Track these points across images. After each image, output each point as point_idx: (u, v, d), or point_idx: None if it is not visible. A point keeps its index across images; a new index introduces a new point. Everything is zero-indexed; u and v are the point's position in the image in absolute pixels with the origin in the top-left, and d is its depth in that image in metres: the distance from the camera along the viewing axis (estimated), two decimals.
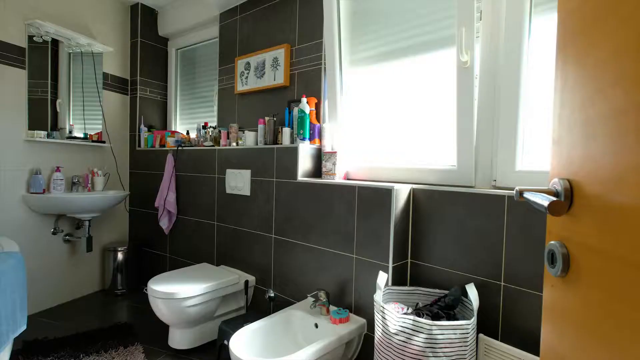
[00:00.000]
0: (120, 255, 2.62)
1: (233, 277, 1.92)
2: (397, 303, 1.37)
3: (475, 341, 1.21)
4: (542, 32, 1.29)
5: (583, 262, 0.51)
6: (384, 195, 1.47)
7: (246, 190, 2.06)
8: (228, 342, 1.60)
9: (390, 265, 1.46)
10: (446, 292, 1.39)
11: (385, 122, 1.75)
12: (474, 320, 1.16)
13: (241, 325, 1.60)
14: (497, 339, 1.30)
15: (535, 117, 1.32)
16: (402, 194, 1.49)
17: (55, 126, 2.37)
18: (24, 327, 1.49)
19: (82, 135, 2.52)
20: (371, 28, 1.76)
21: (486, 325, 1.33)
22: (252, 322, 1.59)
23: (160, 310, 1.73)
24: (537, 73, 1.30)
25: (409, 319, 1.14)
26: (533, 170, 1.30)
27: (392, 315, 1.18)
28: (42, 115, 2.30)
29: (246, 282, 1.96)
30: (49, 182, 2.31)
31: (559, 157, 0.58)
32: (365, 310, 1.56)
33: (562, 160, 0.57)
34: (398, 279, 1.51)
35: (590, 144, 0.49)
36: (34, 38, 2.22)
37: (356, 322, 1.52)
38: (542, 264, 1.20)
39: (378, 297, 1.29)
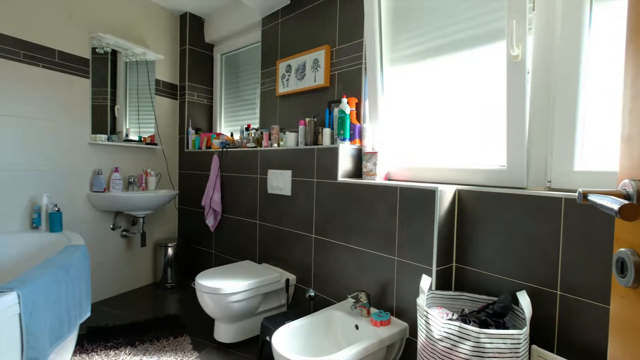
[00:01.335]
0: (170, 251, 2.78)
1: (275, 275, 1.96)
2: (441, 308, 1.33)
3: (527, 353, 1.13)
4: (606, 20, 1.18)
5: None
6: (427, 197, 1.43)
7: (287, 191, 2.10)
8: (270, 338, 1.64)
9: (434, 268, 1.42)
10: (494, 299, 1.32)
11: (428, 121, 1.70)
12: (526, 330, 1.09)
13: (282, 323, 1.63)
14: (552, 351, 1.21)
15: (596, 113, 1.21)
16: (446, 195, 1.44)
17: (113, 130, 2.56)
18: (88, 314, 1.63)
19: (137, 138, 2.71)
20: (413, 25, 1.72)
21: (539, 337, 1.24)
22: (292, 320, 1.61)
23: (207, 304, 1.81)
24: (599, 65, 1.20)
25: (454, 325, 1.09)
26: (594, 171, 1.19)
27: (437, 320, 1.14)
28: (103, 120, 2.50)
29: (287, 280, 1.99)
30: (108, 182, 2.51)
31: (630, 156, 0.53)
32: (407, 314, 1.52)
33: (634, 160, 0.52)
34: (442, 283, 1.46)
35: None
36: (97, 50, 2.43)
37: (398, 325, 1.49)
38: (605, 273, 1.10)
39: (421, 301, 1.25)
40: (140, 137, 2.73)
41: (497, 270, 1.36)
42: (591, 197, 0.54)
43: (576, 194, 0.56)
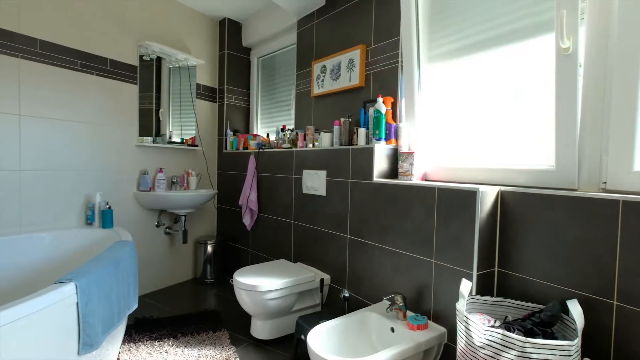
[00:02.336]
0: (209, 248, 2.89)
1: (309, 275, 1.98)
2: (482, 314, 1.27)
3: None
4: None
5: None
6: (467, 198, 1.38)
7: (322, 191, 2.11)
8: (305, 337, 1.66)
9: (475, 273, 1.36)
10: (541, 306, 1.25)
11: (467, 119, 1.64)
12: (577, 341, 1.01)
13: (317, 322, 1.64)
14: None
15: None
16: (488, 196, 1.38)
17: (158, 132, 2.71)
18: (135, 306, 1.73)
19: (179, 140, 2.84)
20: (451, 21, 1.67)
21: (592, 349, 1.16)
22: (327, 319, 1.62)
23: (244, 300, 1.87)
24: None
25: (497, 332, 1.05)
26: None
27: (478, 327, 1.09)
28: (148, 123, 2.65)
29: (321, 280, 2.00)
30: (153, 181, 2.66)
31: None
32: (446, 318, 1.47)
33: None
34: (483, 289, 1.40)
35: None
36: (144, 57, 2.58)
37: (435, 330, 1.45)
38: None
39: (461, 306, 1.21)
40: (182, 138, 2.86)
41: (543, 276, 1.28)
42: None
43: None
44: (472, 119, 1.62)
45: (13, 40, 1.95)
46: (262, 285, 1.81)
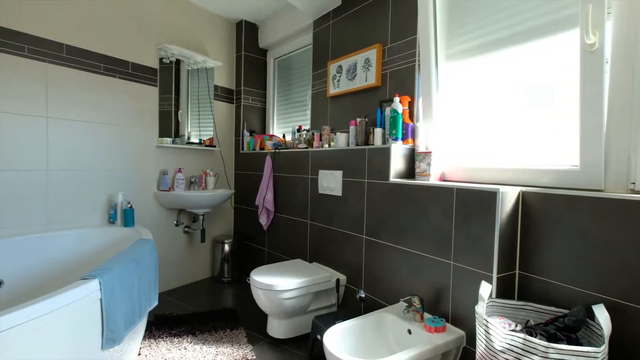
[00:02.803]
0: (226, 247, 2.93)
1: (325, 275, 1.98)
2: (502, 318, 1.24)
3: None
4: None
5: None
6: (487, 199, 1.35)
7: (338, 191, 2.11)
8: (321, 337, 1.66)
9: (495, 275, 1.33)
10: (565, 311, 1.21)
11: (487, 118, 1.60)
12: (604, 348, 0.98)
13: (333, 322, 1.64)
14: None
15: None
16: (509, 197, 1.34)
17: (177, 133, 2.77)
18: (155, 303, 1.78)
19: (197, 141, 2.89)
20: (471, 18, 1.64)
21: (620, 357, 1.11)
22: (343, 320, 1.62)
23: (261, 299, 1.88)
24: None
25: (518, 337, 1.02)
26: None
27: (498, 330, 1.07)
28: (168, 124, 2.71)
29: (337, 280, 2.00)
30: (173, 181, 2.71)
31: None
32: (464, 321, 1.45)
33: None
34: (503, 292, 1.36)
35: None
36: (163, 60, 2.64)
37: (454, 333, 1.42)
38: None
39: (480, 309, 1.18)
40: (200, 139, 2.91)
41: (567, 280, 1.24)
42: None
43: None
44: (491, 118, 1.59)
45: (41, 45, 2.03)
46: (279, 285, 1.83)
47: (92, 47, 2.26)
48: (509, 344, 1.04)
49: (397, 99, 1.81)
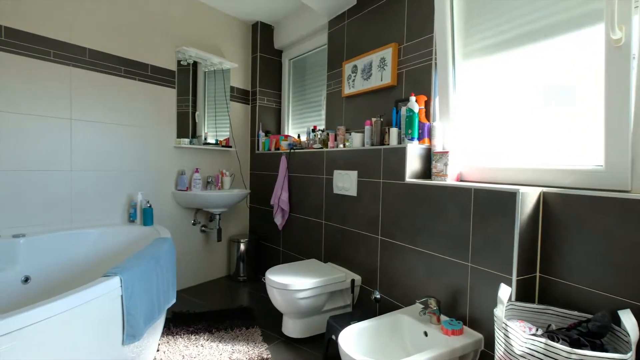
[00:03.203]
0: (242, 246, 2.97)
1: (340, 275, 1.98)
2: (522, 322, 1.21)
3: None
4: None
5: None
6: (506, 199, 1.32)
7: (353, 191, 2.10)
8: (336, 337, 1.66)
9: (514, 278, 1.30)
10: (589, 316, 1.17)
11: (506, 117, 1.57)
12: (631, 355, 0.94)
13: (348, 323, 1.64)
14: None
15: None
16: (529, 197, 1.31)
17: (194, 134, 2.82)
18: (174, 301, 1.81)
19: (214, 142, 2.94)
20: (489, 15, 1.60)
21: None
22: (358, 320, 1.61)
23: (276, 298, 1.90)
24: None
25: (540, 341, 0.99)
26: None
27: (518, 334, 1.04)
28: (185, 125, 2.76)
29: (352, 280, 1.99)
30: (190, 181, 2.76)
31: None
32: (483, 324, 1.42)
33: None
34: (523, 295, 1.33)
35: None
36: (181, 62, 2.69)
37: (471, 336, 1.40)
38: None
39: (499, 312, 1.16)
40: (216, 140, 2.96)
41: (591, 284, 1.20)
42: None
43: None
44: (510, 117, 1.55)
45: (65, 50, 2.10)
46: (294, 284, 1.83)
47: (113, 51, 2.32)
48: (530, 349, 1.01)
49: (413, 98, 1.79)
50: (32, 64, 1.98)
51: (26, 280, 1.85)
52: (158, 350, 1.83)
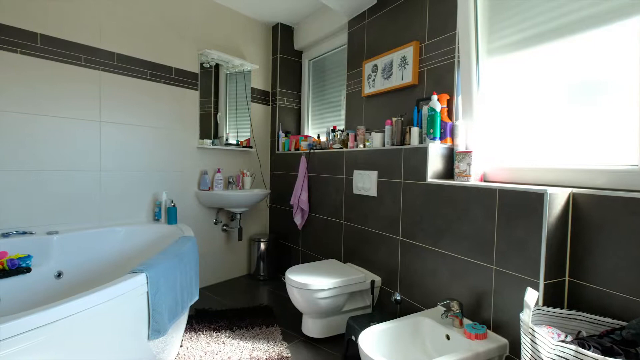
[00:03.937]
0: (262, 246, 3.00)
1: (360, 276, 1.97)
2: (550, 327, 1.17)
3: None
4: None
5: None
6: (534, 200, 1.28)
7: (373, 191, 2.09)
8: (356, 338, 1.65)
9: (542, 282, 1.25)
10: (622, 323, 1.11)
11: (532, 115, 1.52)
12: None
13: (368, 324, 1.63)
14: None
15: None
16: (558, 199, 1.26)
17: (216, 135, 2.87)
18: (196, 298, 1.85)
19: (235, 142, 2.99)
20: (515, 10, 1.55)
21: None
22: (378, 322, 1.60)
23: (296, 298, 1.91)
24: None
25: (569, 348, 0.95)
26: None
27: (546, 341, 1.01)
28: (207, 126, 2.82)
29: (372, 281, 1.98)
30: (212, 181, 2.82)
31: None
32: (507, 329, 1.38)
33: None
34: (551, 300, 1.28)
35: None
36: (204, 64, 2.75)
37: (496, 340, 1.36)
38: None
39: (526, 317, 1.12)
40: (237, 140, 3.00)
41: (626, 289, 1.14)
42: None
43: None
44: (536, 115, 1.50)
45: (96, 55, 2.19)
46: (314, 284, 1.84)
47: (140, 55, 2.40)
48: (559, 356, 0.97)
49: (435, 97, 1.76)
50: (65, 70, 2.07)
51: (59, 275, 1.94)
52: (181, 346, 1.87)
